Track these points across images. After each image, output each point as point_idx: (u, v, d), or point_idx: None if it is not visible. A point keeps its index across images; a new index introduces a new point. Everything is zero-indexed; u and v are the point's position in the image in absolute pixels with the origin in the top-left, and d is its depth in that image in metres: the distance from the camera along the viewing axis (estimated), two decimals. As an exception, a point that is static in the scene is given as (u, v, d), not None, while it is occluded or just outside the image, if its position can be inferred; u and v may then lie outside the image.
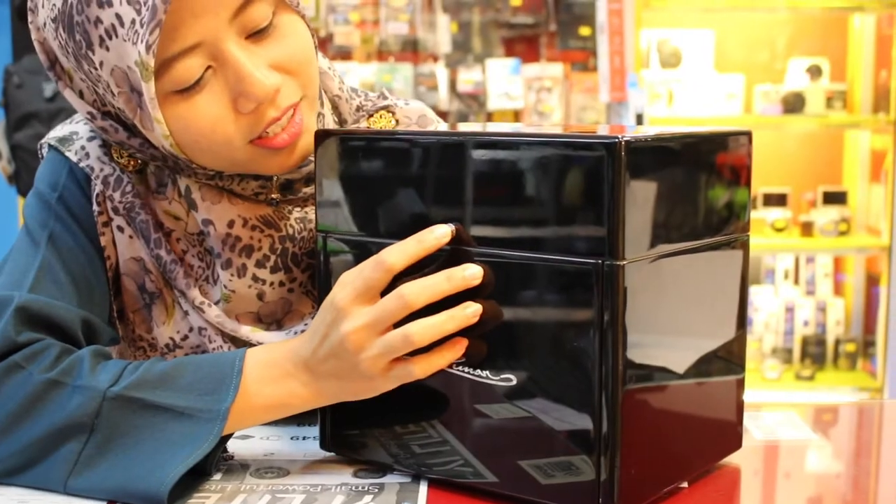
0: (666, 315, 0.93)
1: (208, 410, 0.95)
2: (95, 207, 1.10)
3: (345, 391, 0.97)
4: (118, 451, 0.96)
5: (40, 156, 1.16)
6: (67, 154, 1.11)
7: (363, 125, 1.16)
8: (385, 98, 1.19)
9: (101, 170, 1.10)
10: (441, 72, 4.27)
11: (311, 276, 1.12)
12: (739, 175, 1.01)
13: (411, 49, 4.36)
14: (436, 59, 4.36)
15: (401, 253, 0.92)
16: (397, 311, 0.92)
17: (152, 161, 1.08)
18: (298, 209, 1.12)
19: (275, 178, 1.09)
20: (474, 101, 4.31)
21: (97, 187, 1.09)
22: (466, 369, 0.93)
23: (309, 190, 1.11)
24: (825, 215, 4.00)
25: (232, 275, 1.09)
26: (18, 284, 1.05)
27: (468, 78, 4.28)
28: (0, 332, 0.99)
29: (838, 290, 4.24)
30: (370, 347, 0.93)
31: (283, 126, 1.00)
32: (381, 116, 1.17)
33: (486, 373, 0.93)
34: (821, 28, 4.18)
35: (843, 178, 4.22)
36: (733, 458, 1.04)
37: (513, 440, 0.92)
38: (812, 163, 4.20)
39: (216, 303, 1.11)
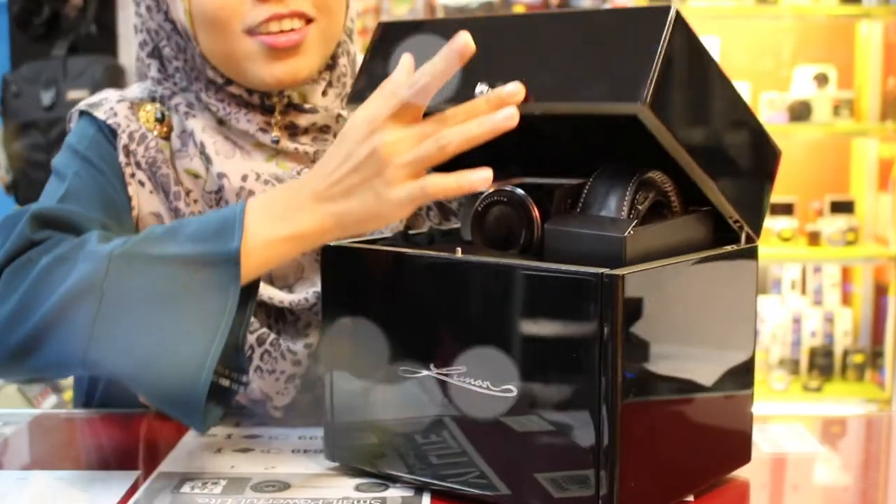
0: (671, 326, 0.91)
1: (217, 254, 0.95)
2: (122, 158, 1.15)
3: (354, 216, 0.95)
4: (134, 313, 0.94)
5: (67, 129, 1.23)
6: (96, 114, 1.18)
7: None
8: None
9: (128, 126, 1.17)
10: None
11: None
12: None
13: (414, 57, 4.35)
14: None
15: (430, 73, 0.91)
16: (437, 129, 0.92)
17: (172, 85, 1.17)
18: (307, 170, 1.14)
19: (277, 116, 1.15)
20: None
21: (123, 140, 1.16)
22: (468, 380, 0.93)
23: (316, 147, 1.16)
24: (832, 224, 3.98)
25: None
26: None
27: (471, 86, 4.25)
28: (16, 235, 1.01)
29: (846, 300, 4.22)
30: (402, 156, 0.92)
31: (283, 28, 1.09)
32: None
33: (486, 383, 0.92)
34: (827, 35, 4.16)
35: (851, 187, 4.20)
36: (740, 471, 1.03)
37: (513, 452, 0.91)
38: (819, 171, 4.17)
39: None
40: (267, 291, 1.13)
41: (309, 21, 1.11)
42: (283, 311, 1.16)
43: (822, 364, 4.07)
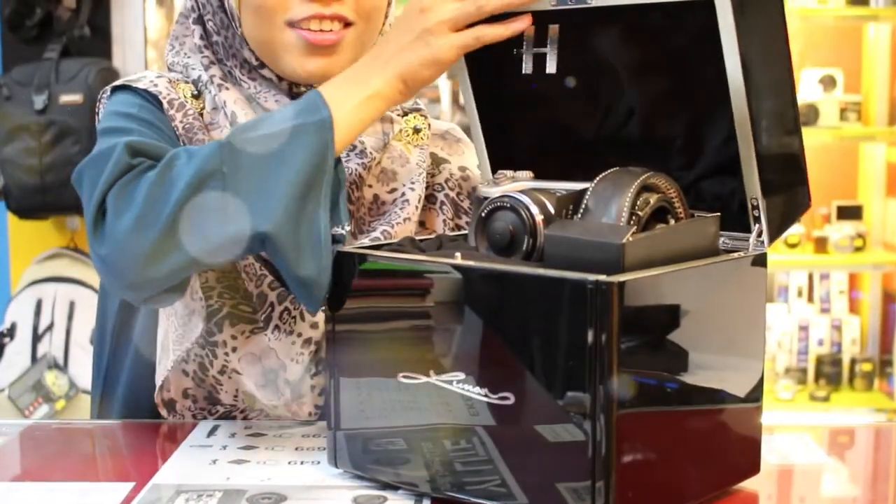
0: (672, 335, 0.90)
1: (311, 123, 1.03)
2: (170, 122, 1.21)
3: (413, 69, 1.06)
4: (257, 183, 1.01)
5: (98, 110, 1.25)
6: (137, 85, 1.23)
7: (397, 119, 1.28)
8: (417, 103, 1.33)
9: (168, 94, 1.23)
10: (443, 83, 4.25)
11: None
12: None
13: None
14: (440, 71, 4.33)
15: None
16: None
17: (211, 53, 1.24)
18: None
19: None
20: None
21: (164, 105, 1.21)
22: (466, 387, 0.92)
23: None
24: (840, 231, 3.97)
25: None
26: None
27: (474, 91, 4.24)
28: (115, 162, 1.05)
29: (854, 307, 4.20)
30: (446, 12, 1.05)
31: (322, 28, 1.18)
32: (414, 117, 1.31)
33: (484, 391, 0.91)
34: (834, 38, 4.14)
35: (858, 193, 4.19)
36: (745, 483, 1.01)
37: (511, 461, 0.91)
38: (826, 177, 4.15)
39: None
40: None
41: (348, 25, 1.19)
42: None
43: (830, 373, 4.05)
